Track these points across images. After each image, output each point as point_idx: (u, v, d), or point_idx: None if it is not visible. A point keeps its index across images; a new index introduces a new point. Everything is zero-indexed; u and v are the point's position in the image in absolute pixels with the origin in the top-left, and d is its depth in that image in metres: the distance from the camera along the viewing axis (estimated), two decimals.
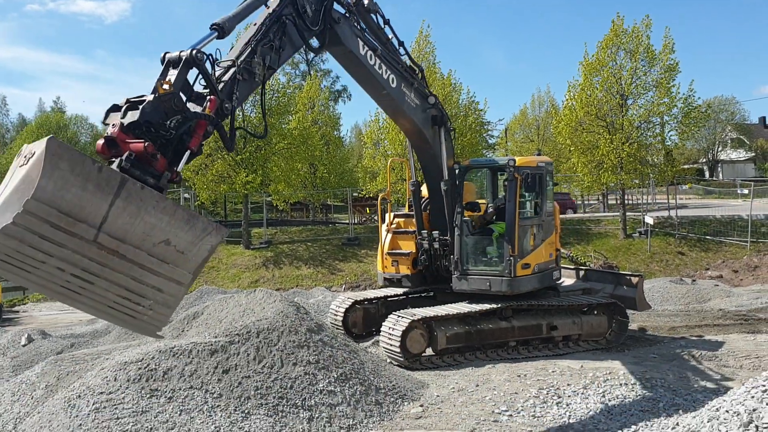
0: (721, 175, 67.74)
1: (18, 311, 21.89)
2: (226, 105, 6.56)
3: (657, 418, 7.38)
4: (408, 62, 10.51)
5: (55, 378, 7.95)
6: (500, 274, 10.62)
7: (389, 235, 12.06)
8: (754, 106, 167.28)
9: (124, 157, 5.37)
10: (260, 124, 28.96)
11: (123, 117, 5.58)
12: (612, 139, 25.40)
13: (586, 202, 44.22)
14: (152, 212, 5.19)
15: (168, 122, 5.71)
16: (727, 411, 5.53)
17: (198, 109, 6.12)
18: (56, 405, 7.11)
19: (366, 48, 9.32)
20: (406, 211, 12.53)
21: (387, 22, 9.98)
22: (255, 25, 7.51)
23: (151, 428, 6.69)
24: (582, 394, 8.39)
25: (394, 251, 11.87)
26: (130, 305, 5.34)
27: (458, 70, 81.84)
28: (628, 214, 28.09)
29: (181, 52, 6.13)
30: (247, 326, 8.31)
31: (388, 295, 12.18)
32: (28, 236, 4.67)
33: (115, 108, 5.81)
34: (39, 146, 4.72)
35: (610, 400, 8.08)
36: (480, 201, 11.91)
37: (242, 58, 7.04)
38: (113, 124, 5.57)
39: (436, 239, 11.23)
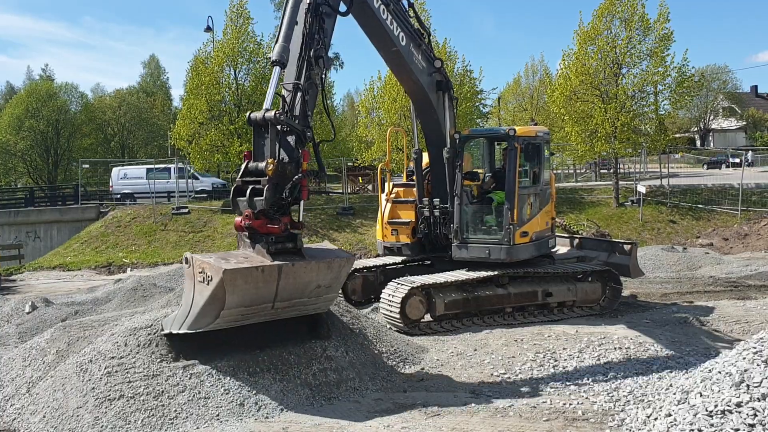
0: (712, 143, 68.06)
1: (15, 280, 21.99)
2: (309, 134, 7.68)
3: (651, 379, 7.66)
4: (416, 26, 10.64)
5: (65, 344, 8.12)
6: (499, 242, 10.84)
7: (389, 205, 12.22)
8: (746, 75, 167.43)
9: (269, 242, 7.16)
10: (254, 93, 28.86)
11: (251, 205, 7.07)
12: (606, 108, 25.49)
13: (578, 171, 44.42)
14: (304, 276, 7.31)
15: (284, 194, 7.18)
16: (719, 372, 5.77)
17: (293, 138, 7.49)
18: (68, 369, 7.29)
19: (379, 2, 9.58)
20: (404, 180, 12.67)
21: None
22: (297, 24, 7.88)
23: (162, 391, 6.90)
24: (578, 357, 8.66)
25: (394, 220, 12.05)
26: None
27: (450, 39, 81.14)
28: (620, 182, 28.31)
29: (265, 113, 7.27)
30: None
31: (387, 263, 12.39)
32: (226, 322, 7.10)
33: (238, 191, 7.24)
34: (216, 273, 6.73)
35: (604, 364, 8.35)
36: (477, 170, 12.07)
37: (303, 78, 7.75)
38: (246, 215, 7.11)
39: (437, 207, 11.41)
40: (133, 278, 15.94)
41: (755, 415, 5.01)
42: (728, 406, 5.20)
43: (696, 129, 69.17)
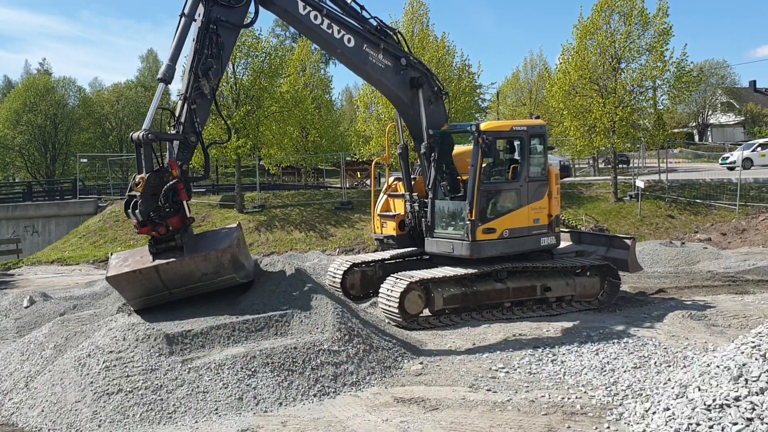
0: (710, 138, 68.02)
1: (13, 274, 21.92)
2: (192, 140, 8.63)
3: (649, 374, 7.66)
4: (378, 26, 10.87)
5: (63, 338, 8.11)
6: (461, 238, 10.82)
7: (384, 197, 12.39)
8: (744, 70, 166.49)
9: (151, 245, 8.29)
10: (252, 87, 28.77)
11: (135, 216, 8.08)
12: (605, 103, 25.44)
13: (576, 166, 44.39)
14: (183, 270, 8.29)
15: (160, 202, 8.10)
16: (717, 366, 5.78)
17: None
18: (66, 364, 7.30)
19: (308, 8, 9.89)
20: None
21: None
22: (194, 41, 8.80)
23: (161, 385, 6.91)
24: (576, 352, 8.67)
25: (384, 213, 12.27)
26: None
27: (448, 33, 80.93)
28: (618, 177, 28.28)
29: (140, 134, 8.14)
30: None
31: (385, 258, 12.41)
32: (141, 306, 8.47)
33: (127, 204, 8.23)
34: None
35: (603, 358, 8.36)
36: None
37: (189, 90, 8.69)
38: (134, 224, 8.22)
39: (416, 201, 11.51)
40: None
41: (753, 409, 5.02)
42: (726, 400, 5.21)
43: (694, 124, 69.09)
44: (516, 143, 11.42)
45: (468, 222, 10.59)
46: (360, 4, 10.71)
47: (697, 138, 67.96)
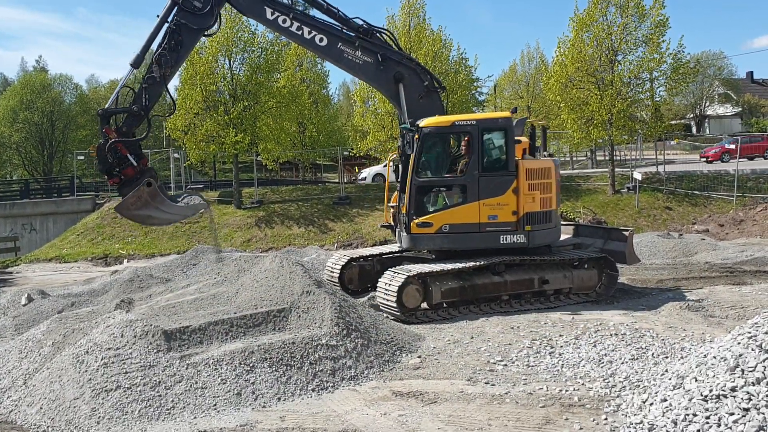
0: (708, 130, 68.00)
1: (11, 272, 21.93)
2: (134, 108, 10.69)
3: (646, 365, 7.68)
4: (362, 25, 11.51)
5: (61, 335, 8.12)
6: (402, 231, 11.18)
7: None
8: (741, 61, 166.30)
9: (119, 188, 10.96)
10: (249, 83, 28.74)
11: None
12: (602, 95, 25.43)
13: (574, 159, 44.37)
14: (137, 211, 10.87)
15: (109, 160, 10.47)
16: (714, 357, 5.79)
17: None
18: (65, 361, 7.30)
19: (276, 13, 10.98)
20: None
21: None
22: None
23: (159, 381, 6.91)
24: (574, 344, 8.67)
25: (391, 204, 12.42)
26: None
27: (445, 27, 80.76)
28: (616, 170, 28.30)
29: (100, 110, 10.76)
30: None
31: (383, 252, 12.44)
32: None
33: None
34: None
35: (601, 350, 8.36)
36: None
37: (146, 73, 10.77)
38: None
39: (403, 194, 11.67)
40: (129, 270, 15.92)
41: (750, 399, 5.04)
42: (723, 390, 5.23)
43: (692, 115, 69.05)
44: (461, 138, 11.41)
45: (402, 215, 10.95)
46: (336, 7, 11.48)
47: (694, 129, 67.96)
